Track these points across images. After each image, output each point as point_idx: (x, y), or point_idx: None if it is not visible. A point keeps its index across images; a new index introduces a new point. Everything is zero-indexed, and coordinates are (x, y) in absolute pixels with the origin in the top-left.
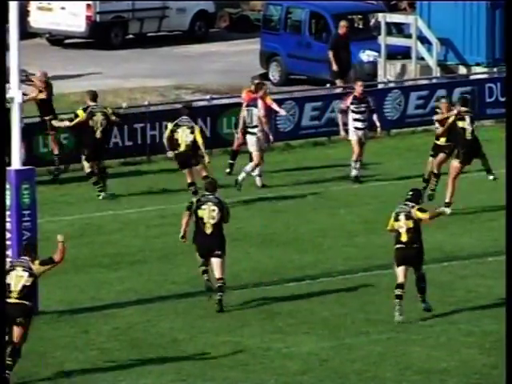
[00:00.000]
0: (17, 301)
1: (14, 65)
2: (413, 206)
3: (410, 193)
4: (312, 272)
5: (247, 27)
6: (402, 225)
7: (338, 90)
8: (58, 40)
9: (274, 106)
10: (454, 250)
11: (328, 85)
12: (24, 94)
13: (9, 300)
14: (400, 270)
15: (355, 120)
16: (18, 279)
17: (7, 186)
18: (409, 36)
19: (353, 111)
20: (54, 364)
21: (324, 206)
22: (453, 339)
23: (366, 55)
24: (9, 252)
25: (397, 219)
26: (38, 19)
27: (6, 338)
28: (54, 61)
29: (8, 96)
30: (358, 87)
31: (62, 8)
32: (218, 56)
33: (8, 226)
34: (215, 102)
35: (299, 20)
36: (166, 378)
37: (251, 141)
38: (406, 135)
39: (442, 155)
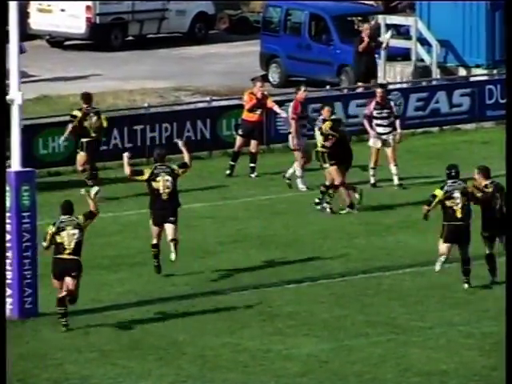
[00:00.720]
0: (70, 256)
1: (14, 66)
2: (468, 185)
3: (453, 170)
4: (312, 274)
5: (247, 29)
6: (459, 201)
7: (338, 92)
8: (57, 42)
9: (275, 108)
10: (454, 252)
11: (328, 86)
12: None
13: (62, 256)
14: (446, 247)
15: (377, 125)
16: (70, 237)
17: (7, 188)
18: (409, 38)
19: (375, 117)
20: (54, 365)
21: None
22: (452, 341)
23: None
24: (9, 253)
25: (450, 197)
26: (38, 21)
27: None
28: (54, 62)
29: (8, 98)
30: (379, 93)
31: (62, 10)
32: (217, 58)
33: (8, 227)
34: (215, 103)
35: (299, 22)
36: (165, 380)
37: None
38: (406, 137)
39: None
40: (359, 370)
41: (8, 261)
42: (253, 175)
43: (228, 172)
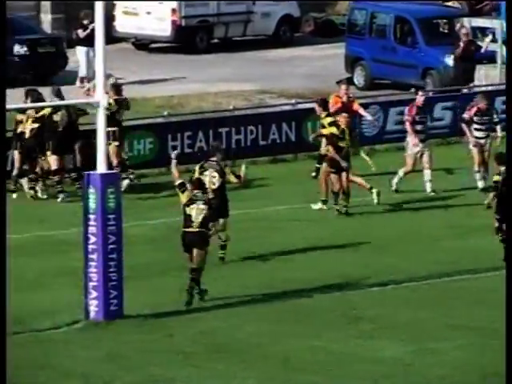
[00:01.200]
0: (197, 229)
1: (100, 69)
2: None
3: None
4: (396, 277)
5: (332, 32)
6: None
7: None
8: (143, 44)
9: (361, 111)
10: None
11: (413, 89)
12: None
13: (190, 229)
14: None
15: (476, 130)
16: (198, 211)
17: (92, 190)
18: (494, 40)
19: (474, 121)
20: (138, 367)
21: (408, 211)
22: None
23: (452, 59)
24: (94, 256)
25: None
26: (124, 24)
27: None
28: (139, 65)
29: (93, 100)
30: (483, 104)
31: (148, 13)
32: (302, 60)
33: (93, 230)
34: (300, 106)
35: (384, 24)
36: (249, 382)
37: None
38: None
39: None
40: (443, 373)
41: (93, 263)
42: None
43: (314, 174)
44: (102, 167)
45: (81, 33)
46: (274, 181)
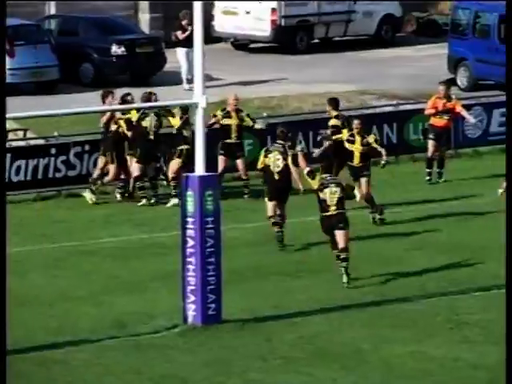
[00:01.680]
0: (335, 212)
1: (198, 69)
2: None
3: None
4: (500, 281)
5: (435, 31)
6: None
7: None
8: (242, 45)
9: (464, 113)
10: None
11: None
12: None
13: (327, 213)
14: None
15: None
16: (332, 195)
17: (190, 193)
18: None
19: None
20: (237, 372)
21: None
22: None
23: None
24: (192, 259)
25: None
26: (223, 23)
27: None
28: (238, 66)
29: (192, 101)
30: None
31: (247, 12)
32: (404, 61)
33: (191, 233)
34: (401, 107)
35: (488, 24)
36: None
37: None
38: None
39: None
40: None
41: (191, 266)
42: (440, 180)
43: (428, 178)
44: (200, 169)
45: (180, 34)
46: (376, 183)
